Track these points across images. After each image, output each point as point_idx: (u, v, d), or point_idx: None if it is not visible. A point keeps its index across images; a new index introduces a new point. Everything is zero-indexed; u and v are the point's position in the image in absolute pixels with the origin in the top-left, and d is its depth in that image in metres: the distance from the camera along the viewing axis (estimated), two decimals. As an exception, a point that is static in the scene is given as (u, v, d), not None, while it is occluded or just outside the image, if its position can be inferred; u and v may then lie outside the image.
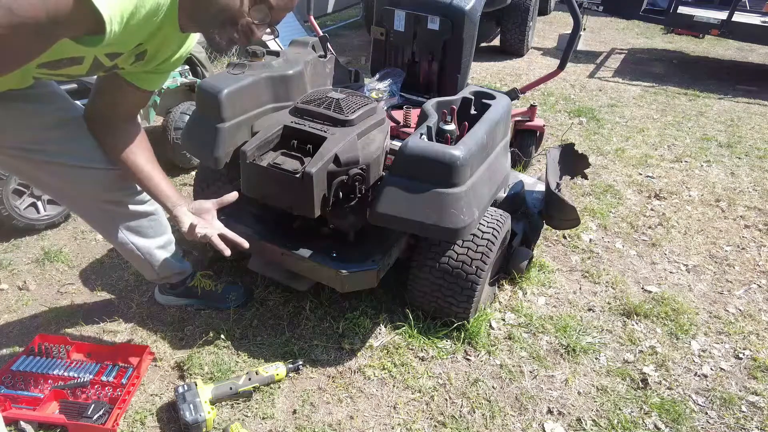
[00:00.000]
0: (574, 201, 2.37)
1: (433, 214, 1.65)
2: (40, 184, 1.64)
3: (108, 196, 1.61)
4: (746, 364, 1.96)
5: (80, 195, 1.61)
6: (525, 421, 1.68)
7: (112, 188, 1.60)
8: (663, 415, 1.72)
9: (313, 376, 1.79)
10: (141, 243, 1.74)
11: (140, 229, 1.73)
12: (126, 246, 1.73)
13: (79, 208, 1.70)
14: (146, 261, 1.79)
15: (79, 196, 1.62)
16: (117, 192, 1.62)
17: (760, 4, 6.33)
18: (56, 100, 1.50)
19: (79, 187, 1.57)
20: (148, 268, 1.82)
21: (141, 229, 1.73)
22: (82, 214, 1.72)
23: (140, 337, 1.90)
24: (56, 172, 1.52)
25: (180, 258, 1.91)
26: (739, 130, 4.19)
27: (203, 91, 1.88)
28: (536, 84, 3.14)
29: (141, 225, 1.72)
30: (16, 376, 1.67)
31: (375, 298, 2.09)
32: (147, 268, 1.83)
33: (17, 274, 2.21)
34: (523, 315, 2.09)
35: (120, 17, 1.04)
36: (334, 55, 2.47)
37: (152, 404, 1.66)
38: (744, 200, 3.10)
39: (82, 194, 1.61)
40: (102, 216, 1.67)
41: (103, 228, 1.73)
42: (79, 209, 1.71)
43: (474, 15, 2.46)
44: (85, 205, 1.66)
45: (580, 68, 5.62)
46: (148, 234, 1.75)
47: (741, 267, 2.51)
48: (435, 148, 1.67)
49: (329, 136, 1.71)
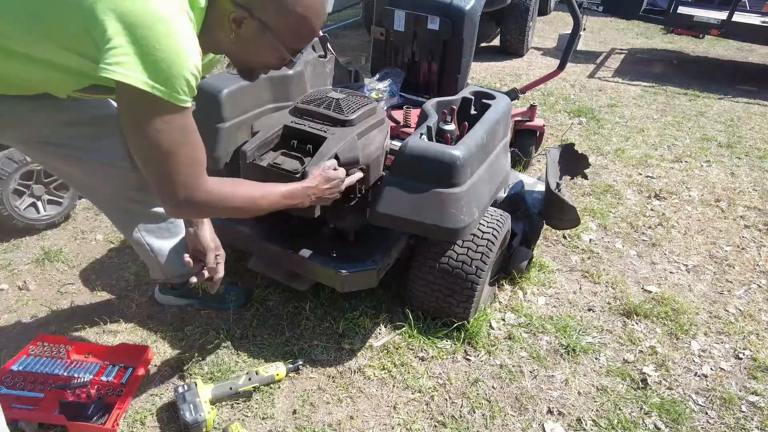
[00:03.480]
0: (574, 201, 2.38)
1: (433, 214, 1.65)
2: (66, 176, 1.64)
3: (134, 196, 1.62)
4: (746, 364, 1.96)
5: (106, 191, 1.62)
6: (525, 421, 1.68)
7: (139, 188, 1.60)
8: (663, 415, 1.72)
9: (313, 376, 1.79)
10: (156, 244, 1.76)
11: (158, 231, 1.74)
12: (141, 245, 1.74)
13: (101, 203, 1.71)
14: (156, 261, 1.80)
15: (104, 192, 1.63)
16: (143, 192, 1.62)
17: (760, 4, 6.32)
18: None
19: (106, 183, 1.57)
20: (157, 268, 1.83)
21: (158, 231, 1.74)
22: (103, 209, 1.74)
23: (140, 337, 1.90)
24: (86, 167, 1.52)
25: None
26: (739, 130, 4.19)
27: (203, 91, 1.88)
28: (536, 84, 3.15)
29: (159, 227, 1.74)
30: (16, 376, 1.67)
31: (375, 298, 2.09)
32: (156, 268, 1.84)
33: (17, 274, 2.21)
34: (523, 315, 2.09)
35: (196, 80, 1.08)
36: (334, 55, 2.47)
37: (152, 404, 1.66)
38: (744, 200, 3.10)
39: (108, 190, 1.61)
40: (124, 213, 1.68)
41: (122, 225, 1.74)
42: (101, 204, 1.72)
43: (474, 15, 2.46)
44: (109, 201, 1.67)
45: (580, 68, 5.62)
46: (164, 235, 1.77)
47: (741, 267, 2.51)
48: (435, 148, 1.67)
49: (329, 136, 1.70)
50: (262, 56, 1.24)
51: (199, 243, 1.54)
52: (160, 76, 1.00)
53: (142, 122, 1.05)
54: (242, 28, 1.15)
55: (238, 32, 1.16)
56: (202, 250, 1.54)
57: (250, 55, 1.23)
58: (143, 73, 0.99)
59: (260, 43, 1.19)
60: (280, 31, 1.17)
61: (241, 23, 1.14)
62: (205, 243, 1.54)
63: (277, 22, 1.15)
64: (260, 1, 1.13)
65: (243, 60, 1.27)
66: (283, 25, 1.16)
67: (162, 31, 1.00)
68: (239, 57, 1.26)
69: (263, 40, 1.18)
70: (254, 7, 1.13)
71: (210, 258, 1.53)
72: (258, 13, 1.13)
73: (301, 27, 1.19)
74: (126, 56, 0.99)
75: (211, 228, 1.57)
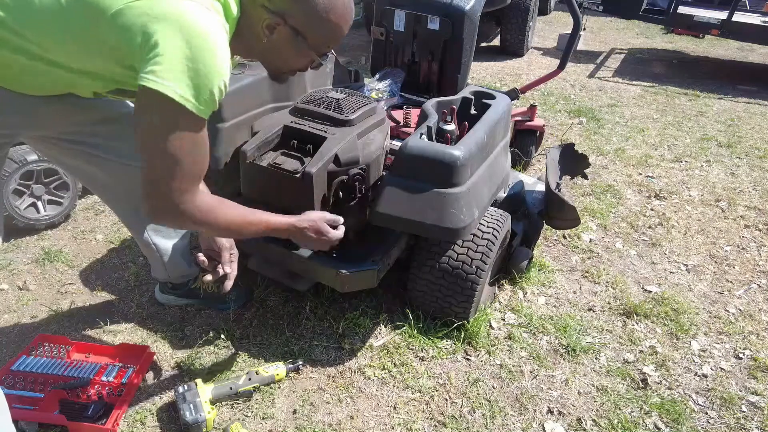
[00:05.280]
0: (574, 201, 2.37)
1: (433, 214, 1.65)
2: (82, 174, 1.64)
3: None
4: (746, 364, 1.96)
5: (119, 190, 1.63)
6: (525, 421, 1.68)
7: None
8: (663, 415, 1.72)
9: (313, 376, 1.79)
10: (162, 244, 1.78)
11: (164, 230, 1.76)
12: (147, 245, 1.76)
13: (114, 202, 1.71)
14: (161, 260, 1.81)
15: (117, 191, 1.64)
16: None
17: (760, 4, 6.33)
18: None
19: (120, 182, 1.58)
20: (161, 267, 1.84)
21: (165, 230, 1.77)
22: (115, 208, 1.74)
23: (140, 337, 1.90)
24: (99, 166, 1.53)
25: (190, 261, 1.91)
26: (739, 130, 4.19)
27: (203, 91, 1.88)
28: (536, 84, 3.15)
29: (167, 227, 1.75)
30: (16, 376, 1.67)
31: (375, 298, 2.09)
32: (159, 267, 1.85)
33: (17, 274, 2.21)
34: (523, 315, 2.09)
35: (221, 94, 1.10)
36: (334, 55, 2.47)
37: (152, 404, 1.66)
38: (744, 200, 3.10)
39: (121, 190, 1.62)
40: (133, 213, 1.69)
41: (130, 223, 1.76)
42: (114, 203, 1.72)
43: (474, 15, 2.46)
44: (121, 200, 1.68)
45: (580, 68, 5.62)
46: (170, 235, 1.79)
47: (741, 267, 2.51)
48: (435, 148, 1.67)
49: (329, 136, 1.70)
50: (292, 60, 1.27)
51: (214, 242, 1.54)
52: (192, 88, 1.03)
53: (160, 125, 1.07)
54: (275, 34, 1.18)
55: (270, 38, 1.19)
56: (217, 249, 1.54)
57: (281, 59, 1.26)
58: (177, 83, 1.01)
59: (292, 48, 1.22)
60: (312, 37, 1.20)
61: (274, 29, 1.17)
62: (220, 242, 1.54)
63: (310, 29, 1.18)
64: (294, 9, 1.15)
65: (274, 63, 1.29)
66: (315, 31, 1.19)
67: (201, 46, 1.02)
68: (270, 61, 1.28)
69: (295, 46, 1.21)
70: (287, 14, 1.15)
71: (225, 256, 1.54)
72: (291, 20, 1.16)
73: (332, 33, 1.22)
74: (164, 65, 1.01)
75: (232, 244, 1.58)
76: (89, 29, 1.08)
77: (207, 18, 1.04)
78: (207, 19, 1.04)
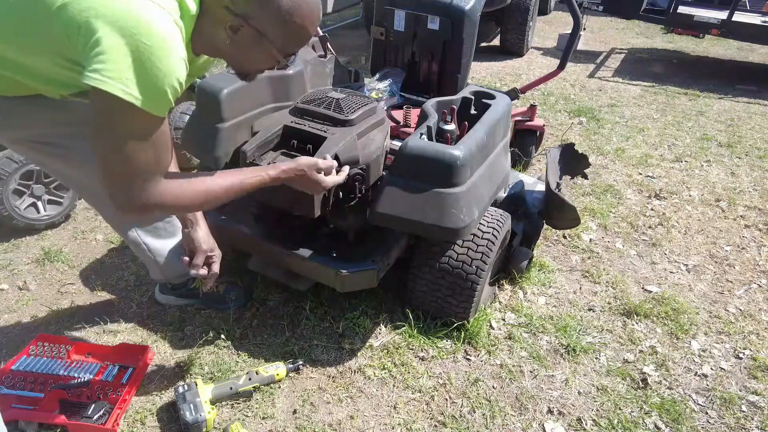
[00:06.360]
0: (574, 201, 2.38)
1: (433, 214, 1.65)
2: (63, 176, 1.64)
3: None
4: (746, 363, 1.96)
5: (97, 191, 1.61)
6: (525, 421, 1.68)
7: None
8: (663, 414, 1.72)
9: (313, 376, 1.79)
10: (153, 244, 1.77)
11: (154, 230, 1.75)
12: (138, 245, 1.75)
13: (97, 203, 1.71)
14: (155, 261, 1.80)
15: (95, 192, 1.63)
16: None
17: (760, 4, 6.32)
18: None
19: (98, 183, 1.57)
20: (156, 268, 1.83)
21: (155, 230, 1.75)
22: (98, 208, 1.74)
23: (140, 337, 1.90)
24: (77, 167, 1.53)
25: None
26: (739, 130, 4.19)
27: (203, 90, 1.88)
28: (536, 84, 3.15)
29: (156, 226, 1.75)
30: (16, 376, 1.67)
31: (375, 298, 2.09)
32: (155, 268, 1.84)
33: (17, 274, 2.21)
34: (523, 315, 2.09)
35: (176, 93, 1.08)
36: (334, 55, 2.47)
37: (152, 404, 1.66)
38: (744, 200, 3.10)
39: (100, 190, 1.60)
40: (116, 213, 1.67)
41: (114, 224, 1.75)
42: (97, 203, 1.71)
43: (474, 15, 2.46)
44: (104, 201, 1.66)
45: (580, 68, 5.62)
46: (161, 235, 1.77)
47: (741, 267, 2.51)
48: (435, 148, 1.67)
49: (329, 136, 1.70)
50: (257, 61, 1.26)
51: (192, 243, 1.54)
52: (139, 85, 1.01)
53: (112, 125, 1.06)
54: (238, 35, 1.17)
55: (234, 38, 1.17)
56: (194, 251, 1.55)
57: (246, 59, 1.26)
58: (122, 82, 0.99)
59: (256, 48, 1.20)
60: (276, 38, 1.19)
61: (238, 30, 1.16)
62: (197, 244, 1.54)
63: (273, 30, 1.17)
64: (256, 10, 1.14)
65: (239, 63, 1.28)
66: (279, 32, 1.18)
67: (147, 42, 1.00)
68: (236, 61, 1.28)
69: (259, 47, 1.20)
70: (250, 16, 1.14)
71: (199, 259, 1.53)
72: (254, 22, 1.15)
73: (296, 34, 1.20)
74: (107, 64, 0.99)
75: (205, 229, 1.57)
76: (36, 26, 1.07)
77: (153, 14, 1.02)
78: (153, 15, 1.02)
